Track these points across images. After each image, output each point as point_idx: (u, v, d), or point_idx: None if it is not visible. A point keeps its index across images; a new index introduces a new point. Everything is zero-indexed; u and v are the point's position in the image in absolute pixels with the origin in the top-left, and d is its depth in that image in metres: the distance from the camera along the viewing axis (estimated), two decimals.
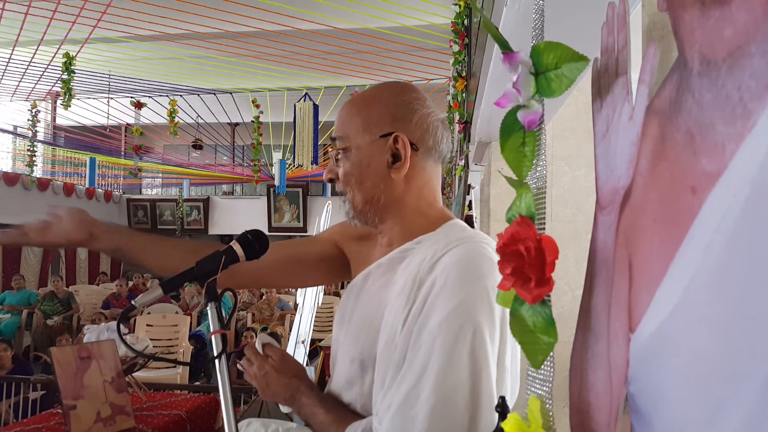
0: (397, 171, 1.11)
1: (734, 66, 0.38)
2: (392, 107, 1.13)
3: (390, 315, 1.05)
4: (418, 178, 1.14)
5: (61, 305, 9.21)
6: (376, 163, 1.11)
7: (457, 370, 0.94)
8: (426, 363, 0.95)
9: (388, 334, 1.04)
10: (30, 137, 11.46)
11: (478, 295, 0.97)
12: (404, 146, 1.10)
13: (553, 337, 0.57)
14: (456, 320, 0.95)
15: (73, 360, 2.18)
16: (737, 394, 0.36)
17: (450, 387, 0.94)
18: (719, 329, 0.39)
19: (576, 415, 0.59)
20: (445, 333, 0.95)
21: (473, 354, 0.95)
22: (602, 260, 0.56)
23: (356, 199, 1.14)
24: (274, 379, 1.20)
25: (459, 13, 3.70)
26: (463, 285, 0.98)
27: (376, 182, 1.12)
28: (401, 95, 1.15)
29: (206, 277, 1.15)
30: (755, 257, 0.35)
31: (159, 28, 7.30)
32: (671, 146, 0.46)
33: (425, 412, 0.93)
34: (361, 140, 1.12)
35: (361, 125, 1.13)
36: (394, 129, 1.11)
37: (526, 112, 0.63)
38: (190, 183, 16.04)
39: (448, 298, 0.97)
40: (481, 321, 0.96)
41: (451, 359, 0.94)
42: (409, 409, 0.95)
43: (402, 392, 0.97)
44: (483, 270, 1.00)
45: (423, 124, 1.13)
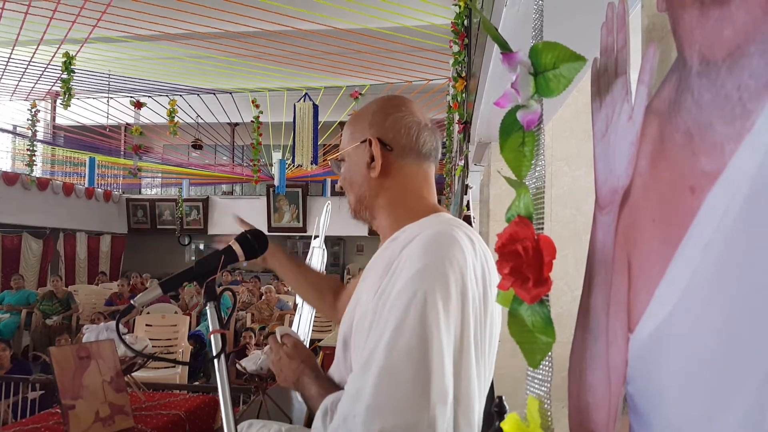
0: (372, 170, 1.24)
1: (733, 66, 0.38)
2: (370, 116, 1.28)
3: (365, 294, 1.15)
4: (397, 176, 1.25)
5: (60, 305, 9.20)
6: (359, 165, 1.26)
7: (407, 336, 0.98)
8: (383, 330, 1.01)
9: (361, 311, 1.14)
10: (29, 137, 11.45)
11: (434, 266, 1.03)
12: (375, 146, 1.23)
13: (551, 337, 0.57)
14: (410, 289, 1.01)
15: (72, 360, 2.18)
16: (736, 394, 0.36)
17: (399, 351, 0.98)
18: (718, 329, 0.39)
19: (575, 415, 0.59)
20: (399, 301, 1.01)
21: (423, 320, 0.99)
22: (601, 260, 0.56)
23: (351, 200, 1.31)
24: (285, 364, 1.30)
25: (459, 13, 3.70)
26: (420, 258, 1.05)
27: (361, 183, 1.27)
28: (381, 104, 1.30)
29: (205, 277, 1.15)
30: (754, 257, 0.35)
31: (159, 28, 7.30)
32: (670, 146, 0.46)
33: (375, 374, 0.98)
34: (348, 149, 1.29)
35: (349, 136, 1.30)
36: (369, 134, 1.25)
37: (525, 112, 0.63)
38: (189, 183, 16.03)
39: (407, 270, 1.04)
40: (435, 290, 1.01)
41: (401, 325, 0.99)
42: (365, 371, 1.00)
43: (363, 357, 1.03)
44: (442, 244, 1.07)
45: (395, 126, 1.25)
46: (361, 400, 0.98)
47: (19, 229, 12.08)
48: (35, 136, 11.54)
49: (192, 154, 15.95)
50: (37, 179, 12.00)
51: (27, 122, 11.29)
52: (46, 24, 6.98)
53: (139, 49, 8.58)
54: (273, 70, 9.00)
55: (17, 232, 12.11)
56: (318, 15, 6.75)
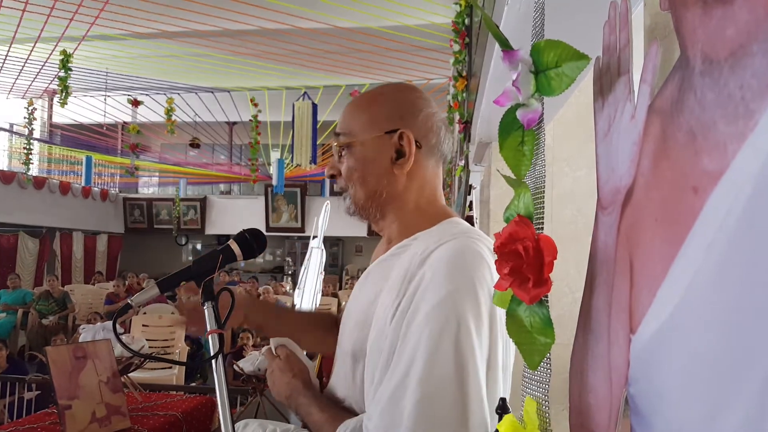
0: (400, 167, 1.13)
1: (736, 65, 0.38)
2: (398, 105, 1.16)
3: (381, 309, 1.06)
4: (420, 176, 1.16)
5: (56, 305, 9.18)
6: (380, 158, 1.14)
7: (443, 364, 0.94)
8: (413, 357, 0.95)
9: (378, 327, 1.05)
10: (26, 135, 11.43)
11: (464, 288, 0.97)
12: (409, 143, 1.12)
13: (550, 338, 0.57)
14: (441, 313, 0.95)
15: (69, 359, 2.17)
16: (737, 395, 0.36)
17: (436, 380, 0.93)
18: (720, 330, 0.39)
19: (576, 416, 0.59)
20: (431, 326, 0.95)
21: (458, 347, 0.94)
22: (603, 260, 0.56)
23: (358, 194, 1.16)
24: (277, 378, 1.24)
25: (459, 12, 3.70)
26: (449, 278, 0.98)
27: (379, 177, 1.14)
28: (407, 94, 1.19)
29: (203, 277, 1.14)
30: (757, 257, 0.35)
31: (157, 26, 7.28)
32: (673, 146, 0.45)
33: (411, 407, 0.93)
34: (365, 136, 1.15)
35: (366, 122, 1.15)
36: (400, 126, 1.13)
37: (526, 110, 0.63)
38: (187, 182, 16.00)
39: (434, 291, 0.97)
40: (467, 314, 0.96)
41: (436, 352, 0.93)
42: (396, 403, 0.95)
43: (390, 387, 0.97)
44: (470, 264, 1.00)
45: (427, 123, 1.16)
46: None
47: (15, 228, 12.05)
48: (32, 135, 11.52)
49: (190, 153, 15.95)
50: (33, 178, 11.98)
51: (24, 120, 11.27)
52: (43, 21, 6.97)
53: (137, 47, 8.57)
54: (272, 68, 8.99)
55: (13, 231, 12.09)
56: (318, 13, 6.75)
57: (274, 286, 10.85)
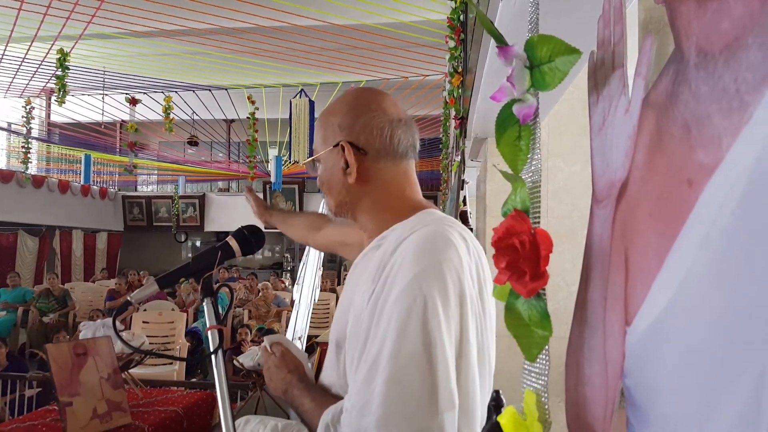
0: (349, 176, 1.18)
1: (731, 58, 0.38)
2: (340, 117, 1.20)
3: (358, 297, 1.11)
4: (378, 178, 1.19)
5: (56, 303, 9.19)
6: (334, 170, 1.20)
7: (410, 343, 0.97)
8: (384, 337, 0.99)
9: (355, 314, 1.10)
10: (24, 134, 11.41)
11: (431, 269, 1.01)
12: (349, 152, 1.17)
13: (548, 331, 0.57)
14: (409, 294, 0.99)
15: (69, 357, 2.18)
16: (732, 387, 0.36)
17: (404, 358, 0.96)
18: (714, 322, 0.39)
19: (572, 409, 0.60)
20: (399, 307, 0.99)
21: (425, 325, 0.97)
22: (598, 253, 0.56)
23: (330, 203, 1.25)
24: (274, 374, 1.28)
25: (455, 8, 3.69)
26: (416, 261, 1.02)
27: (339, 188, 1.21)
28: (350, 104, 1.22)
29: (202, 273, 1.15)
30: (751, 250, 0.35)
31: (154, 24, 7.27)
32: (668, 139, 0.45)
33: (381, 385, 0.96)
34: (322, 151, 1.22)
35: (321, 138, 1.23)
36: (340, 138, 1.18)
37: (521, 105, 0.63)
38: (185, 180, 15.99)
39: (403, 274, 1.01)
40: (433, 294, 0.99)
41: (404, 332, 0.97)
42: (369, 382, 0.98)
43: (365, 368, 1.00)
44: (438, 247, 1.04)
45: (366, 128, 1.18)
46: (370, 413, 0.96)
47: (14, 226, 12.04)
48: (30, 134, 11.49)
49: (188, 151, 15.93)
50: (32, 177, 11.96)
51: (22, 119, 11.24)
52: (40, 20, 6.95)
53: (134, 46, 8.55)
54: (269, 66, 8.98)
55: (13, 229, 12.08)
56: (314, 11, 6.74)
57: (274, 281, 10.85)
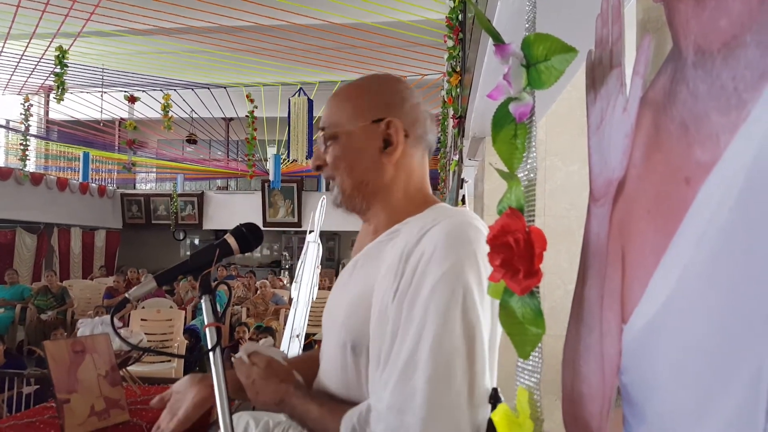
0: (388, 156, 1.13)
1: (729, 56, 0.38)
2: (384, 95, 1.15)
3: (379, 293, 1.04)
4: (407, 165, 1.16)
5: (54, 300, 9.18)
6: (367, 147, 1.13)
7: (452, 335, 0.92)
8: (420, 332, 0.93)
9: (379, 310, 1.03)
10: (22, 131, 11.39)
11: (467, 258, 0.96)
12: (397, 132, 1.12)
13: (541, 328, 0.57)
14: (447, 286, 0.94)
15: (67, 354, 2.18)
16: (729, 384, 0.36)
17: (446, 353, 0.91)
18: (711, 320, 0.39)
19: (569, 406, 0.60)
20: (436, 300, 0.94)
21: (466, 318, 0.93)
22: (595, 252, 0.56)
23: (345, 184, 1.15)
24: (262, 387, 1.17)
25: (453, 8, 3.69)
26: (451, 250, 0.97)
27: (367, 167, 1.13)
28: (392, 84, 1.19)
29: (200, 270, 1.15)
30: (748, 248, 0.35)
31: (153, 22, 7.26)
32: (665, 137, 0.46)
33: (424, 381, 0.91)
34: (352, 126, 1.14)
35: (352, 111, 1.14)
36: (386, 115, 1.13)
37: (518, 104, 0.63)
38: (184, 178, 16.00)
39: (437, 264, 0.96)
40: (471, 285, 0.94)
41: (445, 325, 0.92)
42: (407, 380, 0.93)
43: (399, 365, 0.94)
44: (470, 236, 1.00)
45: (414, 113, 1.16)
46: (412, 412, 0.91)
47: (12, 224, 12.03)
48: (28, 131, 11.48)
49: (186, 149, 15.92)
50: (30, 174, 11.94)
51: (20, 116, 11.23)
52: (38, 17, 6.94)
53: (133, 43, 8.54)
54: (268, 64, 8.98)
55: (11, 227, 12.06)
56: (313, 9, 6.74)
57: (272, 279, 10.85)
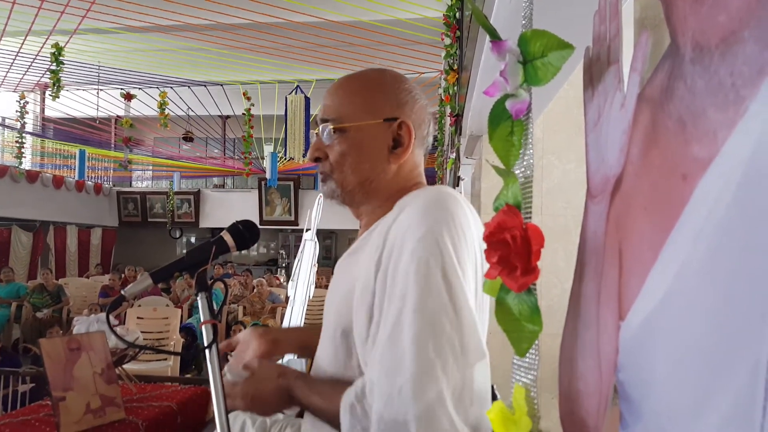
0: (396, 157, 1.13)
1: (727, 52, 0.38)
2: (396, 93, 1.15)
3: (363, 269, 1.04)
4: (409, 164, 1.17)
5: (50, 298, 9.16)
6: (376, 145, 1.12)
7: (435, 296, 0.92)
8: (404, 297, 0.93)
9: (362, 286, 1.03)
10: (18, 129, 11.36)
11: (444, 222, 0.97)
12: (408, 133, 1.12)
13: (537, 326, 0.57)
14: (425, 249, 0.94)
15: (63, 351, 2.17)
16: (726, 382, 0.36)
17: (430, 312, 0.91)
18: (708, 316, 0.39)
19: (565, 404, 0.60)
20: (416, 263, 0.94)
21: (446, 278, 0.93)
22: (592, 249, 0.56)
23: (347, 180, 1.14)
24: (264, 394, 1.13)
25: (451, 5, 3.69)
26: (427, 216, 0.97)
27: (374, 165, 1.13)
28: (403, 83, 1.18)
29: (197, 267, 1.14)
30: (746, 244, 0.35)
31: (150, 19, 7.25)
32: (663, 133, 0.45)
33: (410, 341, 0.90)
34: (362, 121, 1.12)
35: (363, 106, 1.13)
36: (399, 115, 1.13)
37: (514, 101, 0.63)
38: (180, 176, 15.96)
39: (414, 230, 0.96)
40: (449, 246, 0.95)
41: (426, 286, 0.92)
42: (395, 344, 0.92)
43: (386, 331, 0.94)
44: (447, 203, 1.00)
45: (421, 115, 1.17)
46: (402, 371, 0.90)
47: (8, 221, 12.00)
48: (24, 128, 11.45)
49: (183, 147, 15.89)
50: (26, 172, 11.91)
51: (16, 114, 11.19)
52: (34, 14, 6.92)
53: (130, 41, 8.52)
54: (265, 62, 8.96)
55: (6, 225, 12.03)
56: (310, 7, 6.73)
57: (269, 278, 10.84)
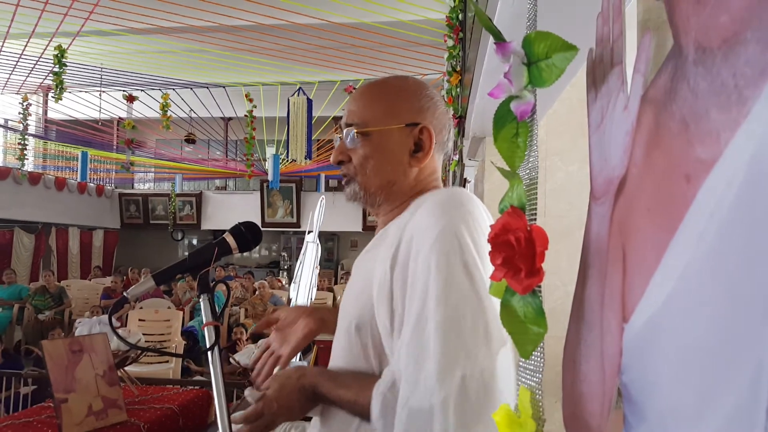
0: (417, 160, 1.16)
1: (730, 53, 0.38)
2: (418, 99, 1.18)
3: (380, 266, 1.07)
4: (429, 168, 1.20)
5: (52, 300, 9.17)
6: (398, 149, 1.16)
7: (458, 283, 0.95)
8: (426, 289, 0.96)
9: (379, 280, 1.06)
10: (21, 131, 11.38)
11: (461, 216, 1.00)
12: (429, 138, 1.16)
13: (542, 328, 0.57)
14: (444, 243, 0.97)
15: (65, 353, 2.17)
16: (729, 382, 0.36)
17: (454, 302, 0.94)
18: (712, 318, 0.39)
19: (569, 406, 0.59)
20: (437, 257, 0.97)
21: (468, 269, 0.96)
22: (596, 250, 0.56)
23: (370, 182, 1.17)
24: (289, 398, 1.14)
25: (453, 7, 3.70)
26: (445, 213, 1.01)
27: (395, 168, 1.16)
28: (425, 90, 1.22)
29: (199, 269, 1.14)
30: (749, 245, 0.35)
31: (152, 21, 7.26)
32: (666, 135, 0.45)
33: (434, 329, 0.93)
34: (386, 126, 1.15)
35: (386, 111, 1.16)
36: (421, 120, 1.16)
37: (519, 102, 0.63)
38: (182, 178, 15.98)
39: (432, 227, 0.99)
40: (467, 240, 0.98)
41: (448, 278, 0.95)
42: (420, 334, 0.95)
43: (411, 323, 0.97)
44: (463, 199, 1.04)
45: (442, 120, 1.21)
46: (428, 359, 0.93)
47: (10, 223, 12.02)
48: (27, 130, 11.48)
49: (185, 149, 15.91)
50: (28, 173, 11.94)
51: (18, 116, 11.22)
52: (37, 17, 6.94)
53: (132, 43, 8.54)
54: (267, 64, 8.97)
55: (9, 226, 12.05)
56: (313, 9, 6.74)
57: (270, 280, 10.85)
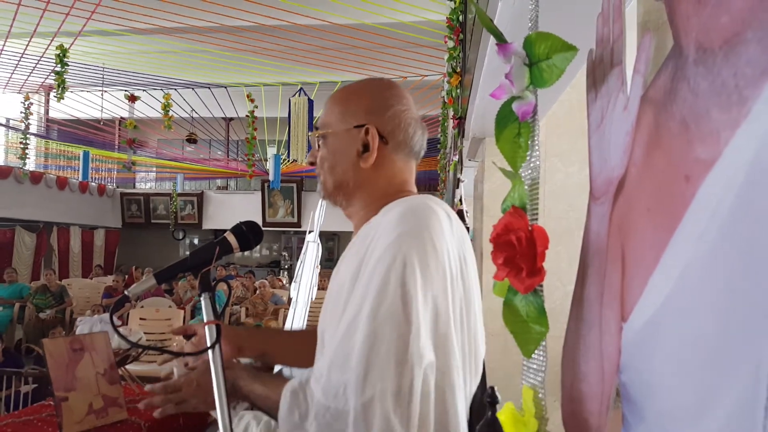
0: (364, 160, 1.20)
1: (730, 53, 0.38)
2: (369, 101, 1.23)
3: (344, 273, 1.11)
4: (387, 168, 1.22)
5: (53, 299, 9.16)
6: (348, 150, 1.21)
7: (389, 301, 0.98)
8: (364, 297, 1.00)
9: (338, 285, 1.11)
10: (23, 130, 11.38)
11: (412, 231, 1.03)
12: (373, 138, 1.19)
13: (544, 327, 0.57)
14: (389, 254, 1.01)
15: (66, 352, 2.17)
16: (728, 381, 0.36)
17: (382, 317, 0.97)
18: (711, 317, 0.39)
19: (568, 405, 0.60)
20: (379, 267, 1.00)
21: (404, 287, 0.98)
22: (595, 250, 0.56)
23: (328, 183, 1.24)
24: (207, 386, 1.15)
25: (454, 8, 3.69)
26: (398, 224, 1.04)
27: (346, 168, 1.21)
28: (381, 91, 1.25)
29: (200, 268, 1.14)
30: (748, 245, 0.35)
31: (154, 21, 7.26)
32: (666, 135, 0.45)
33: (360, 343, 0.97)
34: (337, 128, 1.23)
35: (340, 115, 1.23)
36: (367, 121, 1.20)
37: (520, 103, 0.63)
38: (184, 177, 15.97)
39: (385, 236, 1.03)
40: (412, 255, 1.00)
41: (383, 291, 0.98)
42: (348, 340, 0.99)
43: (344, 326, 1.01)
44: (420, 214, 1.06)
45: (395, 120, 1.22)
46: (350, 369, 0.97)
47: (12, 222, 12.02)
48: (28, 129, 11.47)
49: (186, 149, 15.90)
50: (30, 173, 11.93)
51: (20, 115, 11.22)
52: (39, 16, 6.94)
53: (134, 43, 8.54)
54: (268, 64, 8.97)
55: (10, 225, 12.05)
56: (314, 9, 6.74)
57: (271, 279, 10.84)
